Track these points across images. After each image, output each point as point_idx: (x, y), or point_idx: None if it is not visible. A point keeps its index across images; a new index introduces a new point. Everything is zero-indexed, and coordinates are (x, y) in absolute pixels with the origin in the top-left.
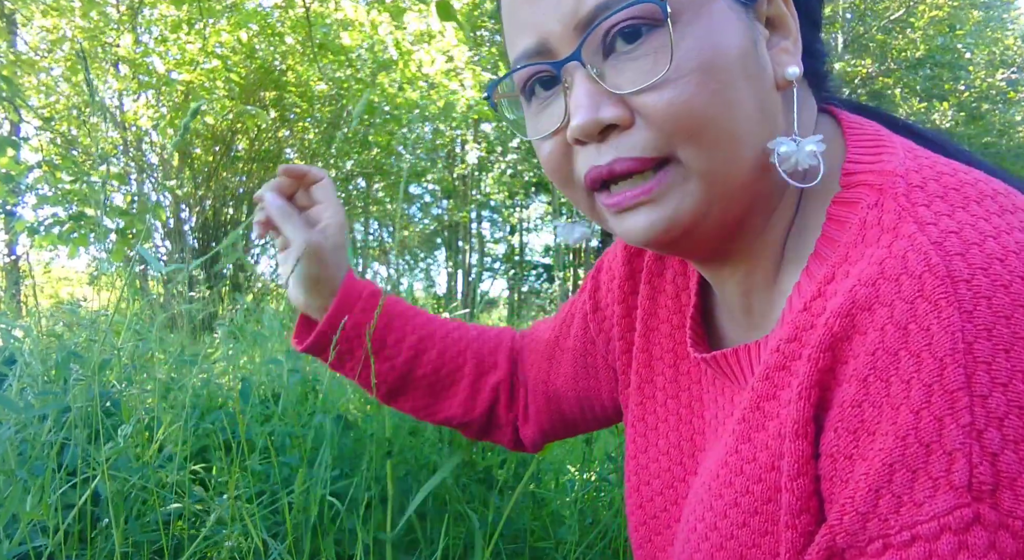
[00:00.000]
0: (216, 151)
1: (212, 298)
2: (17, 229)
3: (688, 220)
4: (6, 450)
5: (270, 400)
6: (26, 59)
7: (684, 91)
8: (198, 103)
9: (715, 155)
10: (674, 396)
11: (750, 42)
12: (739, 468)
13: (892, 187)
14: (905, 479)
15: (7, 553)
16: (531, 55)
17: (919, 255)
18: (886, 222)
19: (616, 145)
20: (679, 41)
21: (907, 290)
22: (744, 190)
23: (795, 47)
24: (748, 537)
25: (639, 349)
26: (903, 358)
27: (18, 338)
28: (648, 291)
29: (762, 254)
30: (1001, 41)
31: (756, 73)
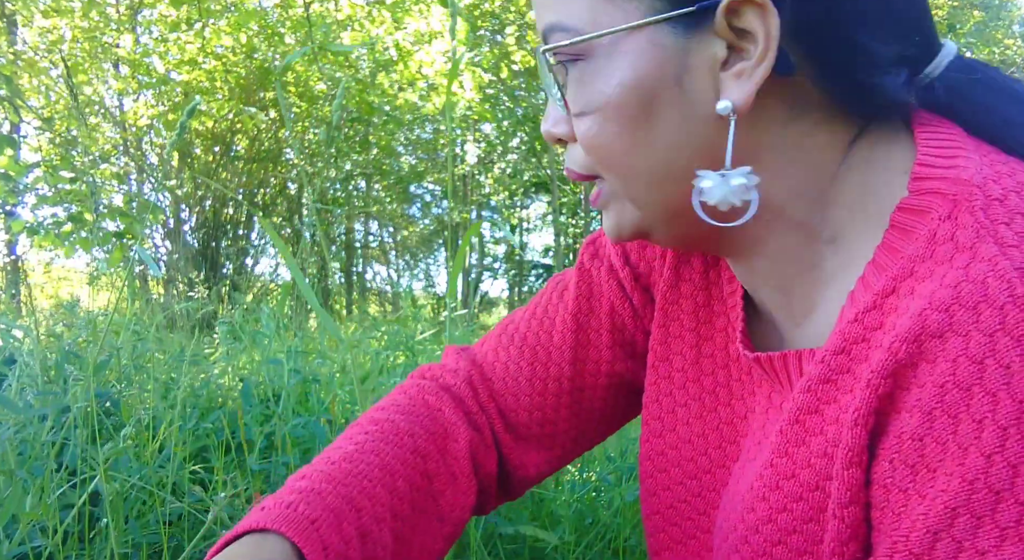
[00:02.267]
0: (216, 151)
1: (212, 298)
2: (15, 229)
3: (633, 231)
4: (6, 450)
5: (271, 400)
6: (26, 59)
7: (590, 127)
8: (194, 102)
9: (630, 186)
10: (695, 380)
11: (668, 80)
12: (775, 483)
13: (968, 199)
14: (968, 525)
15: (7, 553)
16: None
17: (1002, 282)
18: (961, 239)
19: (568, 155)
20: (589, 80)
21: (987, 321)
22: (685, 215)
23: (755, 69)
24: (784, 555)
25: (656, 323)
26: (976, 395)
27: (18, 338)
28: (672, 261)
29: (784, 254)
30: (1001, 41)
31: (676, 109)
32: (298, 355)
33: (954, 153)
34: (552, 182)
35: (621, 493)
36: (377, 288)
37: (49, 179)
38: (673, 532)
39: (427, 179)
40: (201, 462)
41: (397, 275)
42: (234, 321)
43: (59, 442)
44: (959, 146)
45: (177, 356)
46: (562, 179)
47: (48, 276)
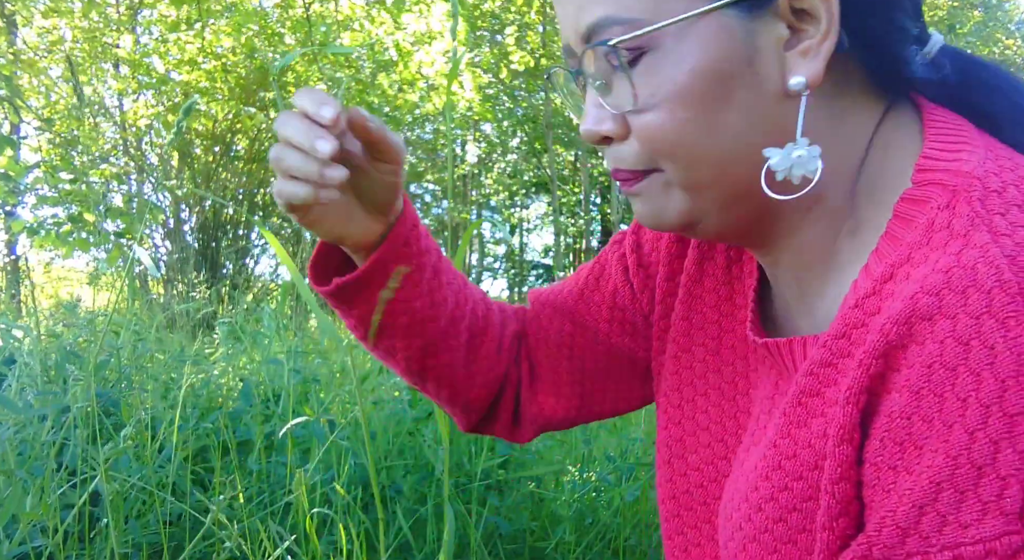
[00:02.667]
0: (216, 151)
1: (211, 298)
2: (14, 229)
3: (678, 220)
4: (6, 450)
5: (271, 400)
6: (26, 59)
7: (657, 119)
8: (190, 101)
9: (695, 174)
10: (716, 370)
11: (740, 62)
12: (777, 463)
13: (967, 190)
14: (952, 499)
15: (7, 553)
16: (565, 53)
17: (990, 268)
18: (956, 227)
19: (614, 154)
20: (655, 70)
21: (974, 304)
22: (744, 198)
23: (820, 46)
24: (784, 532)
25: (679, 316)
26: (961, 374)
27: (18, 338)
28: (695, 256)
29: (810, 248)
30: (1001, 41)
31: (748, 90)
32: (298, 355)
33: (959, 146)
34: (552, 182)
35: (621, 493)
36: None
37: (49, 179)
38: (688, 517)
39: (427, 179)
40: (201, 462)
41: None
42: (234, 321)
43: (59, 442)
44: (965, 139)
45: (177, 356)
46: (562, 179)
47: (48, 276)
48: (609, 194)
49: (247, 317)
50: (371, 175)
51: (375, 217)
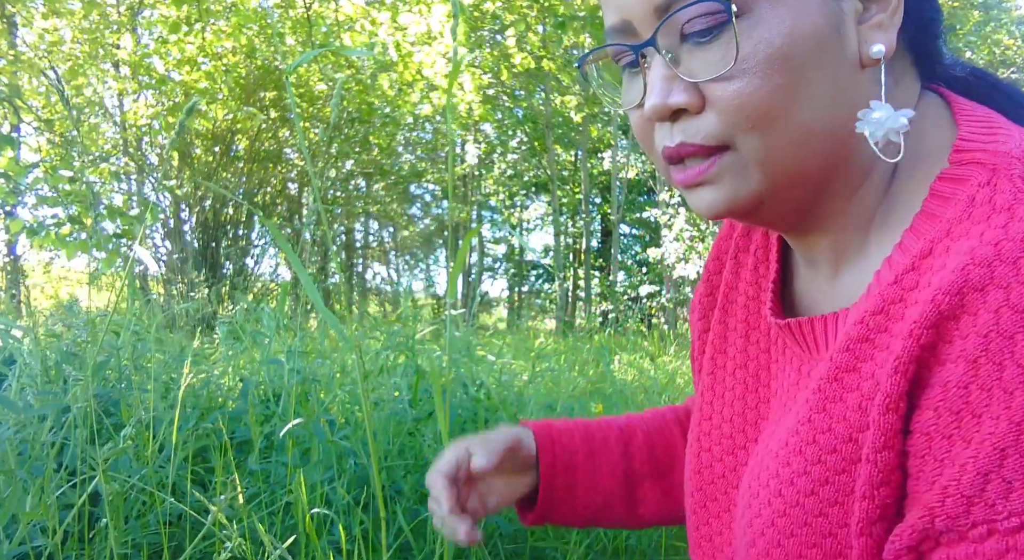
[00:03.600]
0: (216, 151)
1: (212, 298)
2: (13, 230)
3: (749, 203)
4: (6, 450)
5: (271, 400)
6: (26, 60)
7: (750, 84)
8: (192, 101)
9: (776, 146)
10: (742, 365)
11: (830, 27)
12: (811, 437)
13: (1008, 168)
14: (1018, 465)
15: (7, 553)
16: (616, 33)
17: None
18: (999, 202)
19: (684, 128)
20: (749, 33)
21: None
22: (812, 175)
23: (891, 20)
24: (815, 505)
25: (716, 321)
26: (1020, 342)
27: (17, 338)
28: (732, 266)
29: (851, 225)
30: (1001, 41)
31: (834, 58)
32: (298, 355)
33: (994, 129)
34: (552, 182)
35: None
36: (377, 288)
37: (49, 179)
38: (712, 507)
39: (427, 179)
40: (201, 462)
41: (397, 275)
42: (234, 321)
43: (59, 442)
44: (999, 124)
45: (177, 356)
46: (562, 179)
47: (48, 276)
48: (609, 194)
49: (247, 317)
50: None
51: (524, 473)
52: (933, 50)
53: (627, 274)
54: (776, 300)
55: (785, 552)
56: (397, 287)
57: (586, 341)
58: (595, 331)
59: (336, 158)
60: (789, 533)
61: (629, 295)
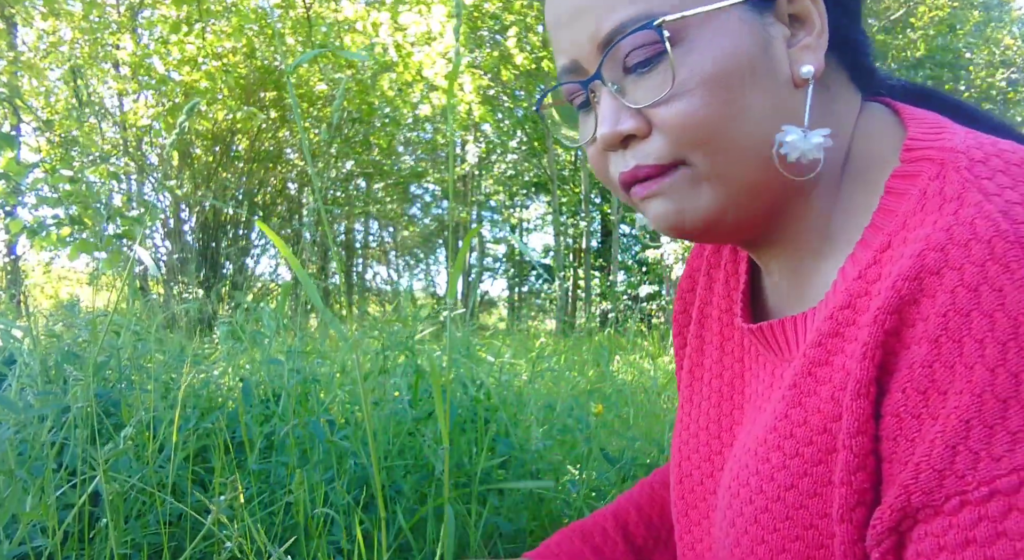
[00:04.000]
0: (216, 151)
1: (211, 298)
2: (13, 230)
3: (703, 217)
4: (6, 450)
5: (271, 400)
6: (26, 61)
7: (690, 104)
8: (192, 102)
9: (723, 160)
10: (718, 375)
11: (759, 48)
12: (788, 431)
13: (954, 161)
14: (982, 435)
15: (7, 553)
16: (566, 73)
17: (987, 221)
18: (949, 192)
19: (635, 153)
20: (684, 58)
21: (977, 254)
22: (765, 187)
23: (818, 42)
24: (795, 499)
25: (693, 335)
26: (976, 318)
27: (17, 338)
28: (706, 282)
29: (807, 234)
30: (1001, 41)
31: (767, 77)
32: (298, 355)
33: (940, 128)
34: (552, 182)
35: (621, 493)
36: (377, 288)
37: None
38: (693, 514)
39: (427, 179)
40: (201, 462)
41: (397, 275)
42: (234, 321)
43: (59, 442)
44: (944, 124)
45: (177, 356)
46: (562, 179)
47: (48, 276)
48: (609, 194)
49: (247, 317)
50: None
51: None
52: (867, 66)
53: (627, 274)
54: (746, 307)
55: (770, 548)
56: (397, 287)
57: (586, 341)
58: (595, 331)
59: (336, 158)
60: (772, 528)
61: (629, 295)
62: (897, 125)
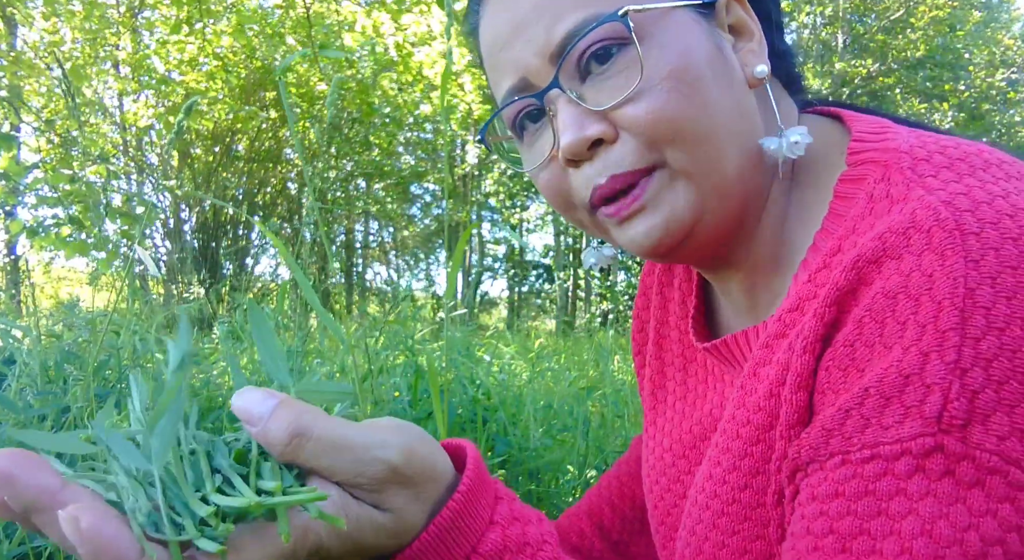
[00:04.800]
0: (216, 151)
1: (211, 297)
2: (13, 230)
3: (685, 222)
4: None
5: None
6: (26, 61)
7: (659, 98)
8: (190, 101)
9: (699, 154)
10: (682, 397)
11: (714, 47)
12: (735, 432)
13: (898, 162)
14: (876, 404)
15: (7, 553)
16: (515, 92)
17: (928, 211)
18: (895, 194)
19: (606, 161)
20: (647, 53)
21: (915, 243)
22: (735, 186)
23: (760, 48)
24: (751, 498)
25: (652, 356)
26: (901, 301)
27: (17, 338)
28: (659, 301)
29: (761, 251)
30: (1001, 41)
31: (726, 74)
32: (298, 355)
33: (884, 130)
34: None
35: None
36: (377, 288)
37: (50, 179)
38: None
39: (427, 179)
40: None
41: (397, 275)
42: (234, 321)
43: None
44: (887, 125)
45: None
46: None
47: (48, 276)
48: None
49: (247, 317)
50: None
51: None
52: (795, 75)
53: (627, 274)
54: (700, 325)
55: (731, 551)
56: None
57: (586, 341)
58: (595, 331)
59: (336, 158)
60: (732, 531)
61: (629, 295)
62: (839, 129)
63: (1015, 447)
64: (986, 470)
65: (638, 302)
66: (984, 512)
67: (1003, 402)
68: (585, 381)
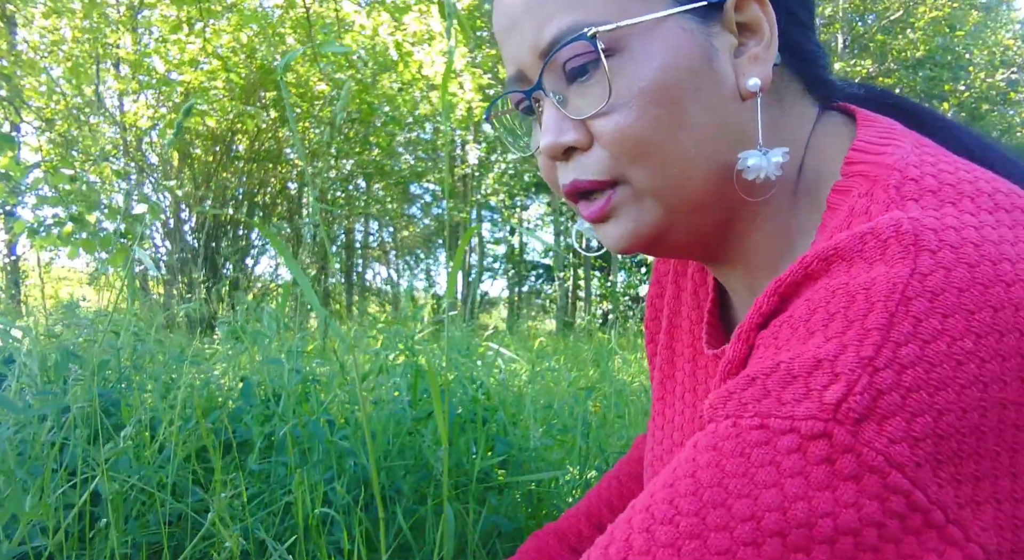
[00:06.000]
0: (216, 151)
1: (212, 298)
2: (16, 230)
3: (651, 233)
4: (6, 450)
5: (271, 400)
6: (26, 60)
7: (627, 117)
8: (190, 102)
9: (663, 175)
10: (691, 389)
11: (702, 60)
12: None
13: (885, 178)
14: (781, 379)
15: (7, 553)
16: (514, 82)
17: (891, 221)
18: (873, 212)
19: (575, 165)
20: (622, 70)
21: (869, 251)
22: (709, 202)
23: (766, 53)
24: None
25: (663, 346)
26: (838, 295)
27: (17, 338)
28: (674, 291)
29: (762, 250)
30: (1001, 41)
31: (710, 90)
32: (298, 355)
33: (887, 141)
34: None
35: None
36: (377, 288)
37: (50, 179)
38: None
39: (427, 179)
40: (201, 462)
41: (397, 275)
42: (234, 321)
43: (59, 442)
44: (893, 136)
45: (177, 356)
46: None
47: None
48: None
49: (247, 317)
50: None
51: None
52: (821, 77)
53: (627, 274)
54: (713, 329)
55: None
56: (397, 287)
57: (586, 341)
58: (595, 331)
59: (336, 158)
60: None
61: (629, 295)
62: (850, 136)
63: (903, 452)
64: (867, 467)
65: (651, 290)
66: (849, 504)
67: (905, 408)
68: (585, 381)
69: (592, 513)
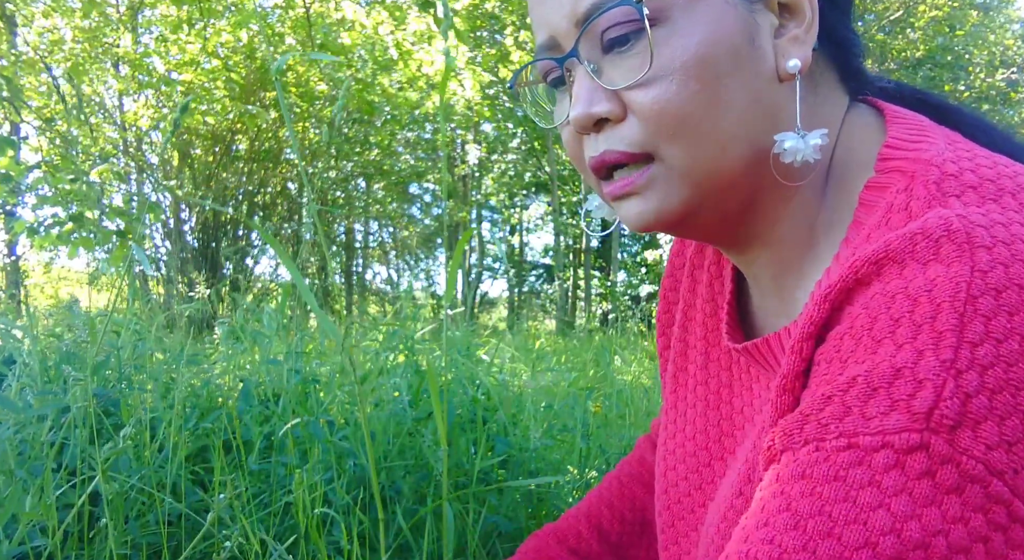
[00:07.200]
0: (216, 151)
1: (212, 298)
2: (16, 230)
3: (677, 213)
4: (6, 450)
5: (270, 400)
6: (26, 60)
7: (667, 90)
8: (186, 99)
9: (697, 153)
10: (703, 382)
11: (744, 37)
12: (757, 460)
13: (924, 174)
14: (861, 393)
15: (7, 553)
16: (544, 50)
17: (940, 220)
18: (914, 208)
19: (608, 137)
20: (665, 41)
21: (922, 251)
22: (740, 184)
23: (806, 35)
24: None
25: (676, 338)
26: (898, 300)
27: (17, 338)
28: (689, 283)
29: (788, 239)
30: (1001, 41)
31: (750, 68)
32: (298, 356)
33: (921, 137)
34: (552, 182)
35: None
36: (377, 288)
37: (50, 179)
38: (680, 525)
39: (427, 179)
40: (201, 462)
41: (397, 275)
42: (234, 321)
43: (59, 442)
44: (926, 132)
45: (177, 356)
46: (562, 179)
47: (48, 276)
48: None
49: (247, 317)
50: None
51: None
52: (856, 67)
53: (627, 274)
54: (732, 322)
55: None
56: (396, 288)
57: (586, 341)
58: (595, 331)
59: (336, 158)
60: None
61: (629, 295)
62: (879, 130)
63: (1001, 458)
64: (968, 478)
65: (665, 282)
66: (956, 519)
67: (994, 411)
68: (585, 381)
69: (592, 514)
